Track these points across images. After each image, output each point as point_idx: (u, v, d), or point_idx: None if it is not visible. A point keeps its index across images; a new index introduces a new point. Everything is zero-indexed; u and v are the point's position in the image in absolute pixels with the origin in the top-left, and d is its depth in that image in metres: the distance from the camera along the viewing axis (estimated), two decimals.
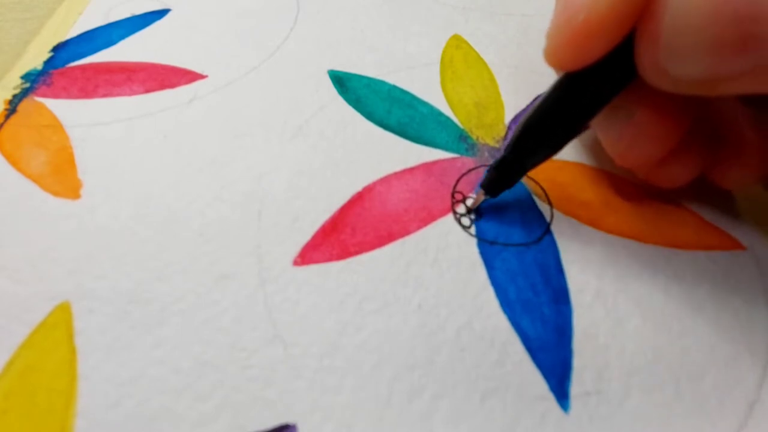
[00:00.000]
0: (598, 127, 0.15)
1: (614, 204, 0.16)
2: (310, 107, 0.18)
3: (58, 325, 0.13)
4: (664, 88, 0.12)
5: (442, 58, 0.21)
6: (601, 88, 0.13)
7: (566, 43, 0.12)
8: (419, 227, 0.15)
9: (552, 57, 0.13)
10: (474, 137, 0.18)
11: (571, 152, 0.17)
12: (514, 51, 0.21)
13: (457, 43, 0.21)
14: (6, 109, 0.17)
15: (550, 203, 0.16)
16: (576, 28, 0.11)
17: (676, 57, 0.11)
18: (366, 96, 0.19)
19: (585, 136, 0.18)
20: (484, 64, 0.21)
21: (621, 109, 0.14)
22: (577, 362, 0.13)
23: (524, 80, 0.20)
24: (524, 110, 0.19)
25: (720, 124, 0.14)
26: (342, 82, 0.19)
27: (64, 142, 0.17)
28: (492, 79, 0.20)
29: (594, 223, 0.15)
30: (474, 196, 0.16)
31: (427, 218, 0.15)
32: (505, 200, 0.16)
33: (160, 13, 0.22)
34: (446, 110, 0.19)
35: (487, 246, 0.15)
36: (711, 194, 0.16)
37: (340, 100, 0.19)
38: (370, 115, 0.18)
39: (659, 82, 0.12)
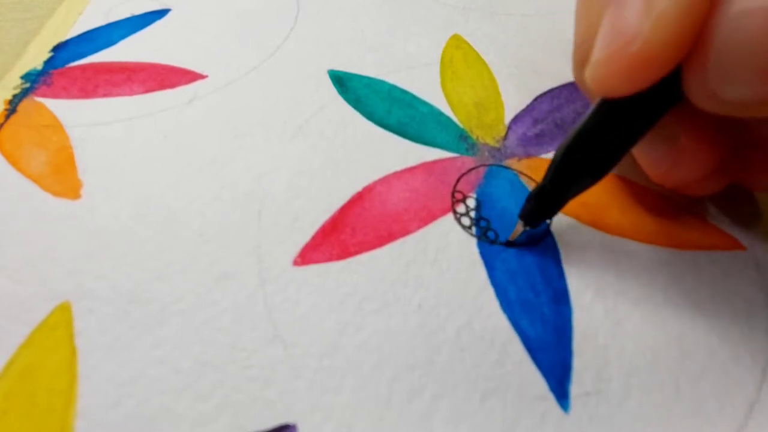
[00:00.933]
0: (638, 149, 0.15)
1: (614, 204, 0.16)
2: (310, 107, 0.18)
3: (59, 325, 0.13)
4: (712, 111, 0.12)
5: (442, 58, 0.21)
6: (646, 113, 0.12)
7: (619, 72, 0.11)
8: (419, 227, 0.15)
9: (601, 85, 0.12)
10: (474, 137, 0.18)
11: None
12: (514, 51, 0.21)
13: (457, 43, 0.21)
14: (6, 109, 0.17)
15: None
16: (631, 56, 0.11)
17: (727, 80, 0.11)
18: (366, 96, 0.19)
19: None
20: (484, 64, 0.21)
21: (665, 131, 0.13)
22: (577, 362, 0.13)
23: (524, 80, 0.20)
24: (524, 110, 0.19)
25: (752, 131, 0.14)
26: (342, 82, 0.19)
27: (64, 142, 0.17)
28: (492, 79, 0.20)
29: (594, 223, 0.15)
30: (474, 195, 0.16)
31: (427, 218, 0.15)
32: (505, 199, 0.16)
33: (160, 13, 0.22)
34: (446, 110, 0.19)
35: (487, 246, 0.15)
36: (711, 194, 0.16)
37: (340, 100, 0.19)
38: (370, 115, 0.18)
39: (708, 105, 0.11)
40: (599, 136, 0.13)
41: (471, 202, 0.16)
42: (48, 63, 0.19)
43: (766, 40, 0.10)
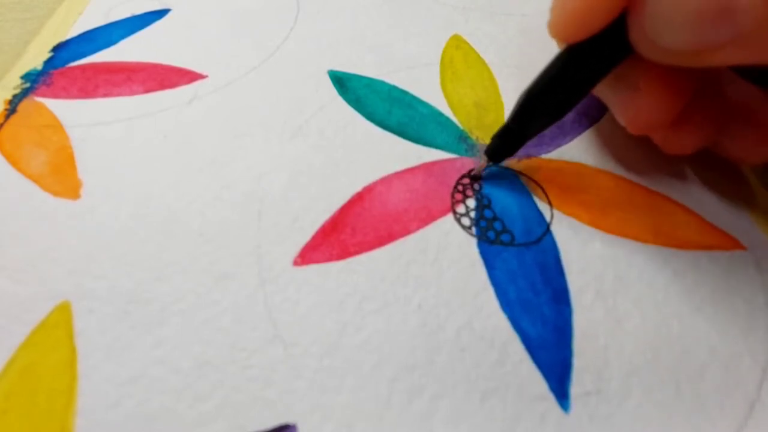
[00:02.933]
0: (607, 99, 0.16)
1: (614, 204, 0.16)
2: (310, 107, 0.18)
3: (58, 325, 0.13)
4: (655, 59, 0.13)
5: (442, 59, 0.21)
6: (599, 59, 0.14)
7: (567, 16, 0.13)
8: (419, 227, 0.15)
9: (554, 29, 0.14)
10: (474, 137, 0.18)
11: (571, 152, 0.17)
12: (514, 51, 0.21)
13: (457, 43, 0.21)
14: (6, 109, 0.17)
15: (550, 203, 0.16)
16: (577, 3, 0.13)
17: (661, 28, 0.12)
18: (366, 96, 0.19)
19: (585, 136, 0.18)
20: (484, 64, 0.21)
21: (625, 79, 0.14)
22: (577, 362, 0.13)
23: (524, 80, 0.20)
24: None
25: (729, 96, 0.15)
26: (342, 82, 0.19)
27: (64, 142, 0.17)
28: (492, 80, 0.20)
29: (594, 223, 0.15)
30: (473, 196, 0.16)
31: (427, 218, 0.15)
32: (505, 199, 0.16)
33: (160, 13, 0.22)
34: (446, 110, 0.19)
35: (487, 246, 0.15)
36: (711, 194, 0.16)
37: (340, 100, 0.19)
38: (370, 115, 0.18)
39: (650, 53, 0.13)
40: (558, 80, 0.14)
41: (471, 203, 0.16)
42: (48, 63, 0.19)
43: None
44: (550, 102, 0.14)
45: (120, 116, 0.18)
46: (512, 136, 0.15)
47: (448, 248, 0.15)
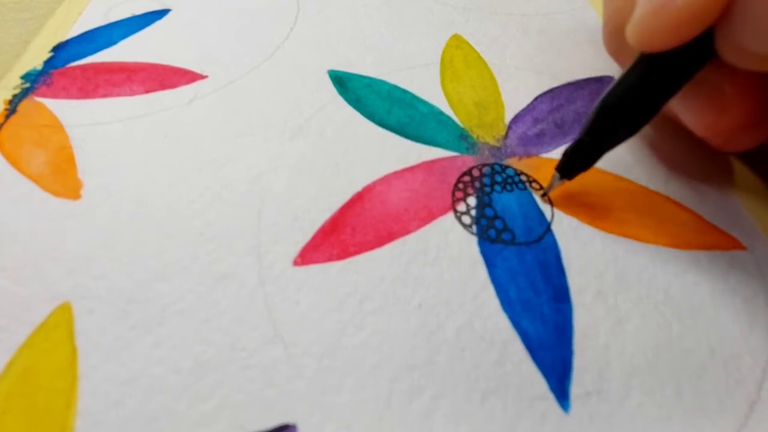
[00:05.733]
0: (683, 102, 0.15)
1: (614, 204, 0.16)
2: (310, 107, 0.18)
3: (59, 326, 0.13)
4: (740, 65, 0.12)
5: (442, 58, 0.21)
6: (681, 68, 0.13)
7: (662, 27, 0.12)
8: (419, 226, 0.15)
9: (644, 39, 0.13)
10: (474, 136, 0.18)
11: None
12: (514, 51, 0.21)
13: (457, 43, 0.21)
14: (6, 109, 0.17)
15: (550, 203, 0.16)
16: (674, 12, 0.12)
17: (752, 34, 0.11)
18: (366, 96, 0.19)
19: None
20: (484, 64, 0.21)
21: (708, 83, 0.14)
22: (578, 362, 0.13)
23: (524, 80, 0.20)
24: (524, 110, 0.19)
25: None
26: (342, 82, 0.19)
27: (64, 142, 0.17)
28: (492, 79, 0.20)
29: (594, 223, 0.15)
30: (474, 194, 0.16)
31: (428, 217, 0.15)
32: (506, 198, 0.16)
33: (160, 13, 0.22)
34: (446, 110, 0.19)
35: (487, 245, 0.15)
36: (711, 194, 0.16)
37: (340, 100, 0.19)
38: (370, 115, 0.18)
39: (737, 59, 0.12)
40: (635, 90, 0.13)
41: (471, 201, 0.16)
42: (48, 63, 0.19)
43: None
44: (627, 113, 0.14)
45: (120, 116, 0.18)
46: (586, 150, 0.14)
47: (449, 247, 0.15)
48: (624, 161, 0.17)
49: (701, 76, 0.14)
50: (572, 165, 0.15)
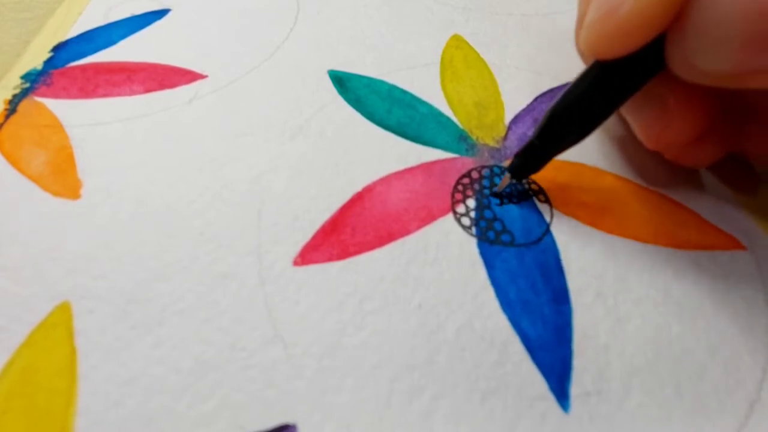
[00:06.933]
0: (630, 113, 0.15)
1: (614, 204, 0.16)
2: (310, 107, 0.18)
3: (59, 325, 0.13)
4: (690, 79, 0.12)
5: (442, 58, 0.21)
6: (631, 77, 0.13)
7: (608, 34, 0.12)
8: (419, 227, 0.15)
9: (589, 45, 0.13)
10: (474, 137, 0.18)
11: (571, 152, 0.17)
12: (514, 51, 0.21)
13: (457, 43, 0.21)
14: (6, 109, 0.17)
15: (550, 203, 0.16)
16: (619, 19, 0.12)
17: (703, 51, 0.11)
18: (366, 96, 0.19)
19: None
20: (484, 64, 0.21)
21: (654, 95, 0.14)
22: (577, 362, 0.13)
23: (524, 80, 0.20)
24: (524, 110, 0.19)
25: (748, 101, 0.15)
26: (342, 82, 0.19)
27: (64, 142, 0.17)
28: (492, 79, 0.20)
29: (594, 223, 0.15)
30: (474, 196, 0.16)
31: (427, 218, 0.15)
32: (506, 200, 0.16)
33: (160, 13, 0.22)
34: (446, 110, 0.19)
35: (487, 246, 0.15)
36: (711, 194, 0.16)
37: (340, 100, 0.19)
38: (370, 115, 0.18)
39: (686, 74, 0.12)
40: (586, 97, 0.14)
41: (471, 203, 0.16)
42: (48, 63, 0.19)
43: (741, 16, 0.10)
44: (577, 119, 0.14)
45: (120, 116, 0.18)
46: (537, 154, 0.15)
47: (448, 248, 0.15)
48: (624, 161, 0.17)
49: (648, 87, 0.13)
50: (523, 167, 0.15)
